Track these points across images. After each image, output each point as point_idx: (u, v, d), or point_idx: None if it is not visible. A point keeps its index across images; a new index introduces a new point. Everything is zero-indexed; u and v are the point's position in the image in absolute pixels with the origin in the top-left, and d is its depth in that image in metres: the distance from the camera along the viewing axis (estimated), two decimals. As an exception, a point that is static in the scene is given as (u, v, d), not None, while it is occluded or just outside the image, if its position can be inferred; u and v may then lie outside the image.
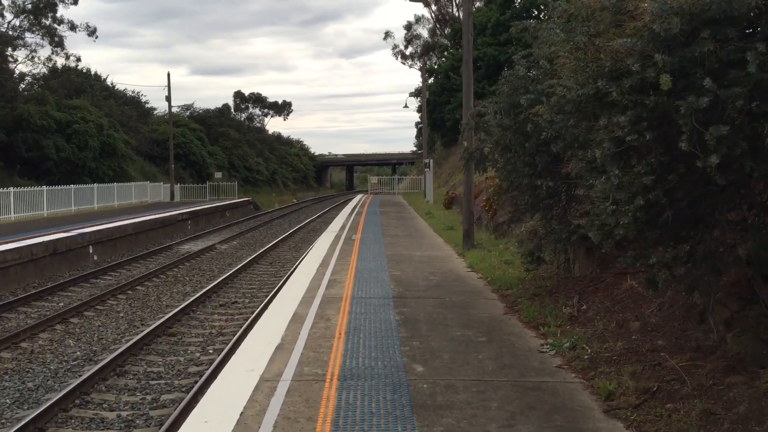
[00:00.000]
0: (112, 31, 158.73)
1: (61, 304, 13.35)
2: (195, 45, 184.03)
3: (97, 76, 46.03)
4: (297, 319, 7.37)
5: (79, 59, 38.22)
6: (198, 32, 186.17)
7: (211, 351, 10.10)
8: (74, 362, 9.47)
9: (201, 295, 13.67)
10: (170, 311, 12.42)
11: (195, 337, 10.92)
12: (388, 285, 9.72)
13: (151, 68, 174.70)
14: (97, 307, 12.97)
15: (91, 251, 18.58)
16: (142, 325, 11.70)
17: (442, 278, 10.35)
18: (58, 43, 34.30)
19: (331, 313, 7.69)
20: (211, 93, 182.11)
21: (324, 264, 12.06)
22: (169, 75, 38.13)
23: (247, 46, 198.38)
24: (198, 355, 9.93)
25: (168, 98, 37.55)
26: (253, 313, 11.98)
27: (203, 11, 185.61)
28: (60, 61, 36.85)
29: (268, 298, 12.68)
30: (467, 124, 9.40)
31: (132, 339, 10.31)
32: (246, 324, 10.86)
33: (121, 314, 12.53)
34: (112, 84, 46.82)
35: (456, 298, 8.68)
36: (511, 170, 8.33)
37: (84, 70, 44.75)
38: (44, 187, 26.39)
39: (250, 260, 18.55)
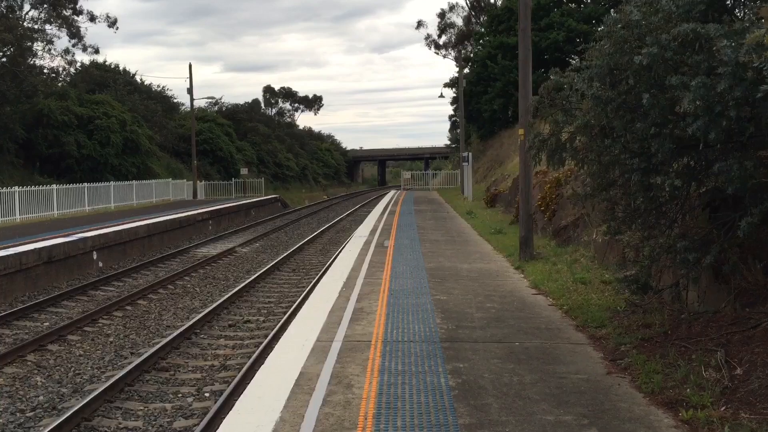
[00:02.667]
0: (150, 30, 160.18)
1: (46, 323, 11.45)
2: (229, 42, 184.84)
3: (125, 71, 44.65)
4: (303, 385, 4.96)
5: (97, 51, 36.73)
6: (231, 30, 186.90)
7: (207, 394, 8.03)
8: (30, 413, 7.45)
9: (209, 312, 11.67)
10: (169, 334, 10.45)
11: (192, 372, 8.89)
12: (432, 318, 7.27)
13: (186, 66, 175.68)
14: (85, 328, 11.03)
15: (95, 257, 16.70)
16: (131, 354, 9.72)
17: (501, 305, 7.87)
18: (74, 34, 32.78)
19: (354, 372, 5.25)
20: (243, 90, 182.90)
21: (349, 283, 9.60)
22: (190, 66, 36.28)
23: (280, 42, 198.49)
24: (190, 400, 7.88)
25: (190, 91, 35.70)
26: (266, 337, 9.93)
27: (237, 9, 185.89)
28: (78, 54, 35.52)
29: (278, 326, 10.46)
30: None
31: (113, 376, 8.31)
32: (253, 357, 8.70)
33: (111, 338, 10.55)
34: (141, 79, 45.45)
35: (529, 342, 6.18)
36: (609, 162, 5.87)
37: (112, 66, 43.44)
38: (54, 186, 24.74)
39: (271, 266, 16.57)
